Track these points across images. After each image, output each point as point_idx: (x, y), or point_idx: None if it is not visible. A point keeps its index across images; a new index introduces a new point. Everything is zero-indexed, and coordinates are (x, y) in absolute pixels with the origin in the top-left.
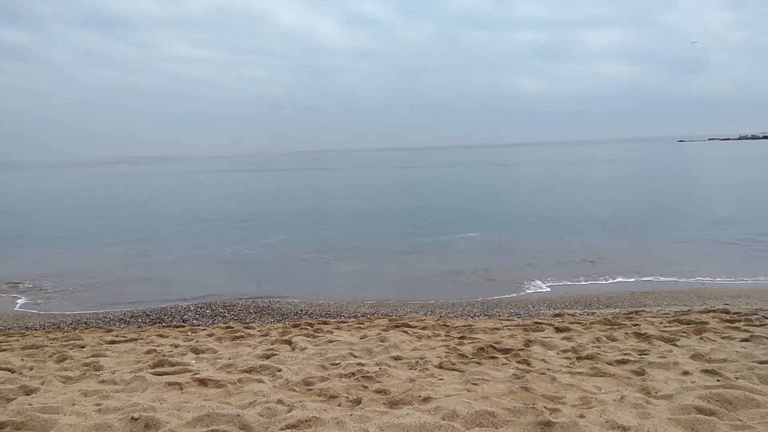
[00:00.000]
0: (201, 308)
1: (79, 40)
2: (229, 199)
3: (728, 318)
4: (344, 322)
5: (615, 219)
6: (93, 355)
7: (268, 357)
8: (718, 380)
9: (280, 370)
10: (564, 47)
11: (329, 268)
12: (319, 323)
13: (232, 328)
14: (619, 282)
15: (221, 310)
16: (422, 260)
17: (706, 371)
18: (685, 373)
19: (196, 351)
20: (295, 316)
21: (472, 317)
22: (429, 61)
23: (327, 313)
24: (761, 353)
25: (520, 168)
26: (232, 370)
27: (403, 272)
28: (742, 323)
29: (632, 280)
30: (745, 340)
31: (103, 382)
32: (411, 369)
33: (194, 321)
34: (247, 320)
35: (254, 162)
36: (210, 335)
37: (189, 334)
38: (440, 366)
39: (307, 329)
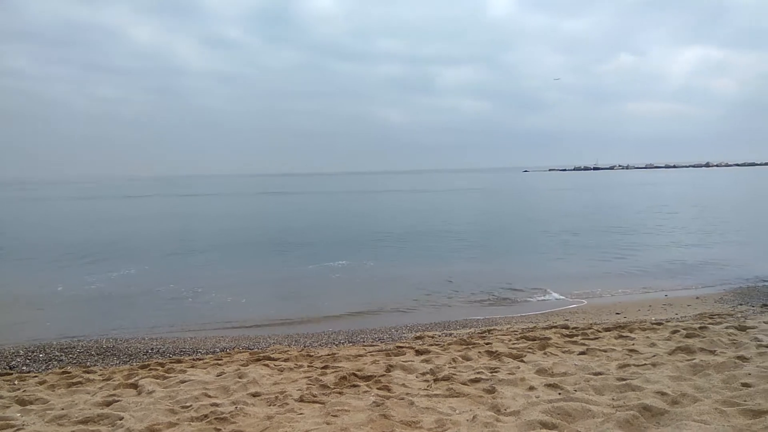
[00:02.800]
0: (33, 352)
1: None
2: (69, 229)
3: (568, 333)
4: (200, 359)
5: (475, 244)
6: None
7: (108, 404)
8: (559, 393)
9: (121, 419)
10: (423, 82)
11: (185, 301)
12: (171, 362)
13: (69, 373)
14: (474, 303)
15: (57, 354)
16: (286, 289)
17: (549, 385)
18: (531, 388)
19: (22, 402)
20: (145, 356)
21: (336, 345)
22: (296, 88)
23: (182, 351)
24: (596, 365)
25: (384, 195)
26: (65, 422)
27: (267, 302)
28: (579, 337)
29: (487, 300)
30: (582, 353)
31: None
32: (270, 405)
33: (24, 367)
34: (88, 363)
35: (107, 187)
36: (41, 383)
37: (16, 383)
38: (301, 399)
39: (157, 369)
